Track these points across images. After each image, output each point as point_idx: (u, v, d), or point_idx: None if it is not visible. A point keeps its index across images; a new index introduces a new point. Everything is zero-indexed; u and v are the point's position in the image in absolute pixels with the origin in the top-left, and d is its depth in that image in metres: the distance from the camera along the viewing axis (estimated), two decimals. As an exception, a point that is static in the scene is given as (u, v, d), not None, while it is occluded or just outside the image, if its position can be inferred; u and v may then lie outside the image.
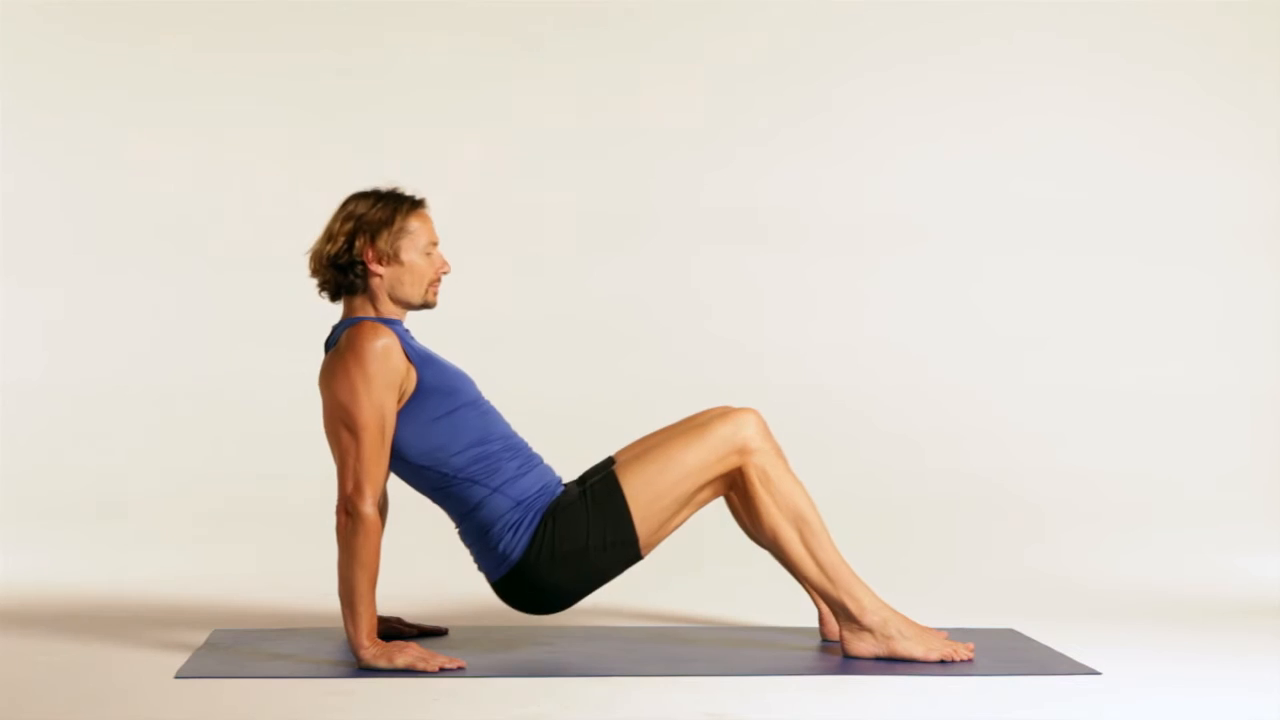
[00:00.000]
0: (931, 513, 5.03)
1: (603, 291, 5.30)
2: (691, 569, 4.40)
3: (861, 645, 3.33)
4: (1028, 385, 5.29)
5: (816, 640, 3.56)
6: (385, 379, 3.22)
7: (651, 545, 3.36)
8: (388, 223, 3.32)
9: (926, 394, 5.28)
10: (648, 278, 5.32)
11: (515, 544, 3.31)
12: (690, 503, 3.37)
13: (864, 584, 3.34)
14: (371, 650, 3.20)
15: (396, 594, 3.76)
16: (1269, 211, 5.34)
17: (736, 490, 3.37)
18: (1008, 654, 3.42)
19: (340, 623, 3.58)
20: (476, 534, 3.35)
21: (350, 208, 3.35)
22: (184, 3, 5.26)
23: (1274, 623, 3.87)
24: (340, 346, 3.25)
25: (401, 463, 3.32)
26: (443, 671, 3.19)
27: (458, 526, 3.40)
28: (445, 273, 3.39)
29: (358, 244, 3.30)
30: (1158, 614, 3.99)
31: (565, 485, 3.43)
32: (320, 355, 3.37)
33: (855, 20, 5.37)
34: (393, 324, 3.32)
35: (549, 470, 3.42)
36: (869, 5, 5.37)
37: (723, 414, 3.38)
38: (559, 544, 3.31)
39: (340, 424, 3.22)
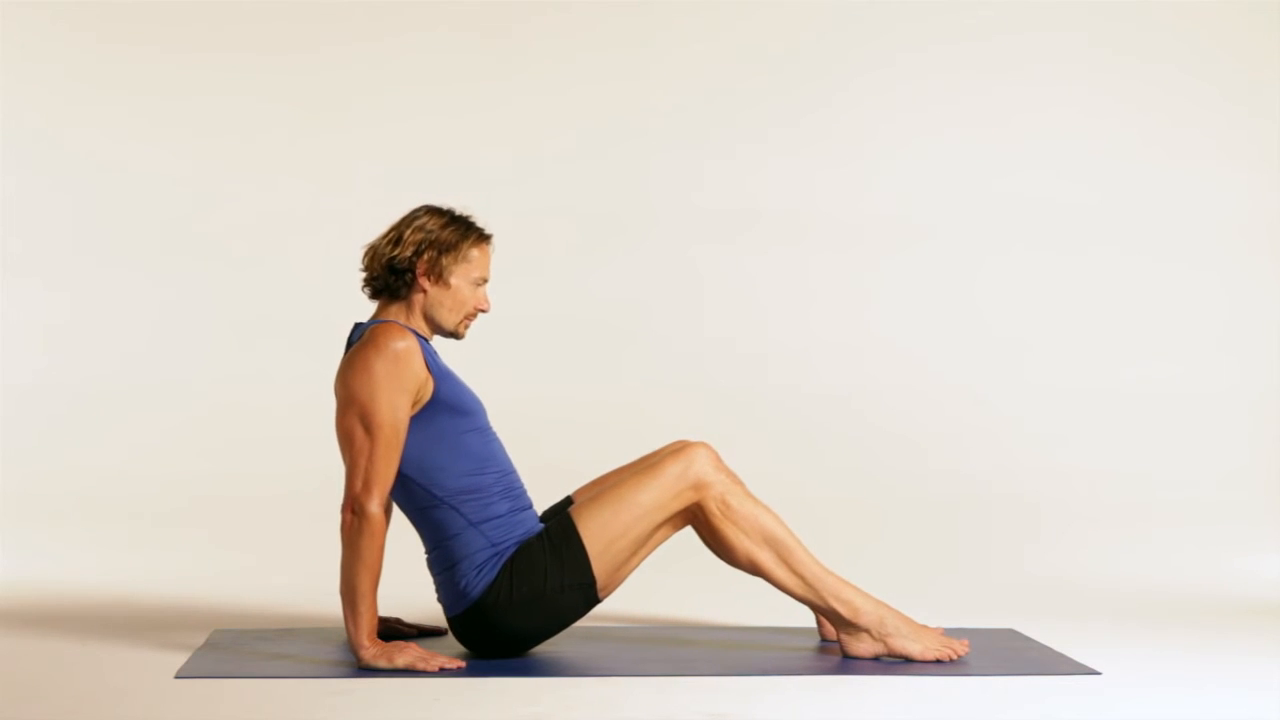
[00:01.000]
0: (932, 512, 5.03)
1: (601, 290, 5.30)
2: (691, 569, 4.40)
3: (860, 645, 3.33)
4: (1028, 385, 5.29)
5: (816, 640, 3.56)
6: (404, 381, 3.22)
7: (610, 587, 3.36)
8: (454, 246, 3.33)
9: (927, 393, 5.28)
10: (646, 277, 5.32)
11: (477, 583, 3.29)
12: (647, 542, 3.37)
13: (852, 586, 3.34)
14: (372, 650, 3.20)
15: (397, 594, 3.76)
16: (1271, 211, 5.34)
17: (699, 525, 3.37)
18: (1008, 654, 3.42)
19: (340, 623, 3.58)
20: (443, 564, 3.33)
21: (423, 220, 3.35)
22: (184, 3, 5.26)
23: (1274, 623, 3.87)
24: (364, 342, 3.25)
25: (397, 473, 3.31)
26: (443, 671, 3.19)
27: (428, 553, 3.38)
28: (484, 310, 3.40)
29: (425, 256, 3.31)
30: (1158, 614, 3.99)
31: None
32: (327, 354, 3.37)
33: (854, 19, 5.36)
34: (418, 336, 3.32)
35: (533, 517, 3.40)
36: (867, 3, 5.37)
37: (675, 451, 3.38)
38: (516, 587, 3.29)
39: (356, 421, 3.21)
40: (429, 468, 3.29)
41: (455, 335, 3.39)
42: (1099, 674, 3.23)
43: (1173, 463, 5.19)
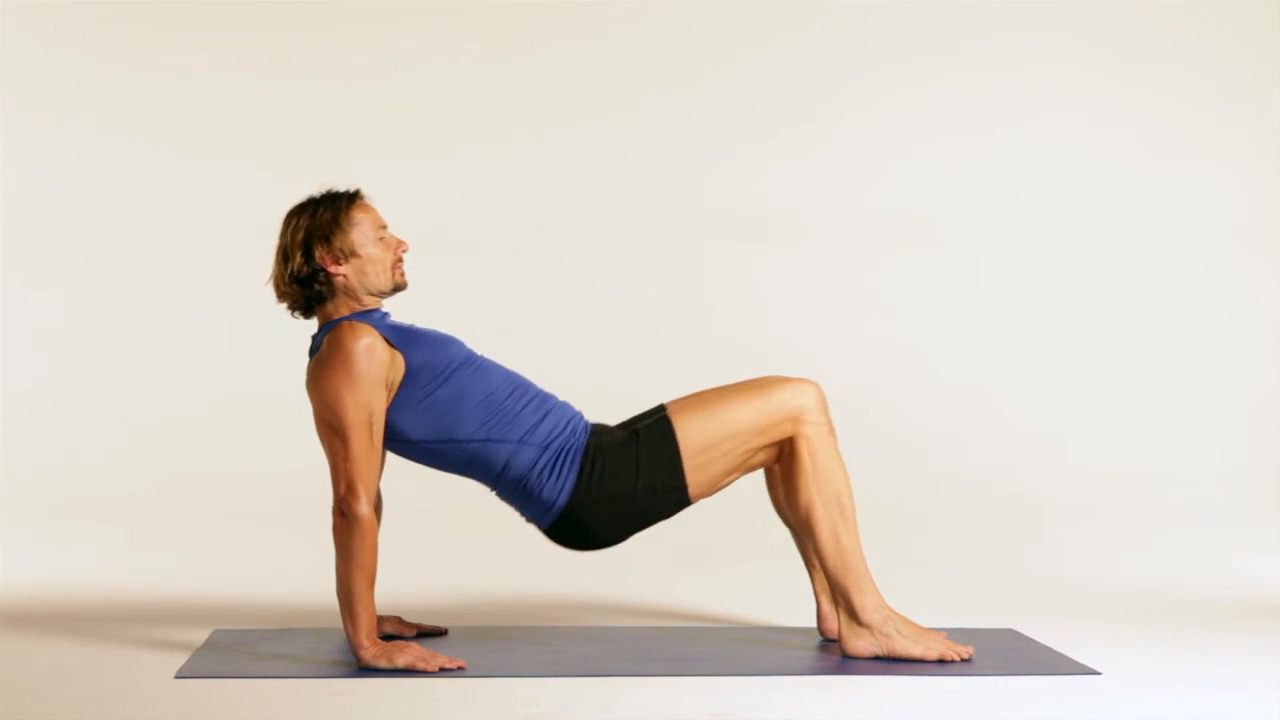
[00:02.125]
0: (932, 512, 5.03)
1: (607, 291, 5.30)
2: (692, 568, 4.40)
3: (860, 644, 3.33)
4: (1029, 385, 5.29)
5: (816, 640, 3.56)
6: (371, 377, 3.23)
7: (700, 495, 3.35)
8: (335, 222, 3.32)
9: (929, 393, 5.28)
10: (652, 277, 5.32)
11: (559, 488, 3.30)
12: (741, 463, 3.34)
13: (874, 582, 3.34)
14: (371, 650, 3.20)
15: (396, 594, 3.76)
16: (1270, 212, 5.34)
17: (782, 459, 3.36)
18: (1008, 654, 3.42)
19: (340, 623, 3.59)
20: (514, 489, 3.33)
21: (295, 222, 3.35)
22: (183, 6, 5.26)
23: (1274, 623, 3.87)
24: (322, 352, 3.26)
25: (413, 446, 3.32)
26: (443, 671, 3.19)
27: (493, 489, 3.38)
28: (405, 251, 3.38)
29: (317, 253, 3.31)
30: (1158, 614, 3.98)
31: (599, 425, 3.41)
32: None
33: (858, 20, 5.37)
34: (369, 315, 3.32)
35: (567, 407, 3.40)
36: (872, 5, 5.37)
37: (785, 380, 3.37)
38: (606, 483, 3.29)
39: (328, 427, 3.22)
40: (441, 422, 3.29)
41: (399, 288, 3.38)
42: (1099, 674, 3.23)
43: (1173, 463, 5.19)
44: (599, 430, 3.39)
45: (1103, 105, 5.36)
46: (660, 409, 3.43)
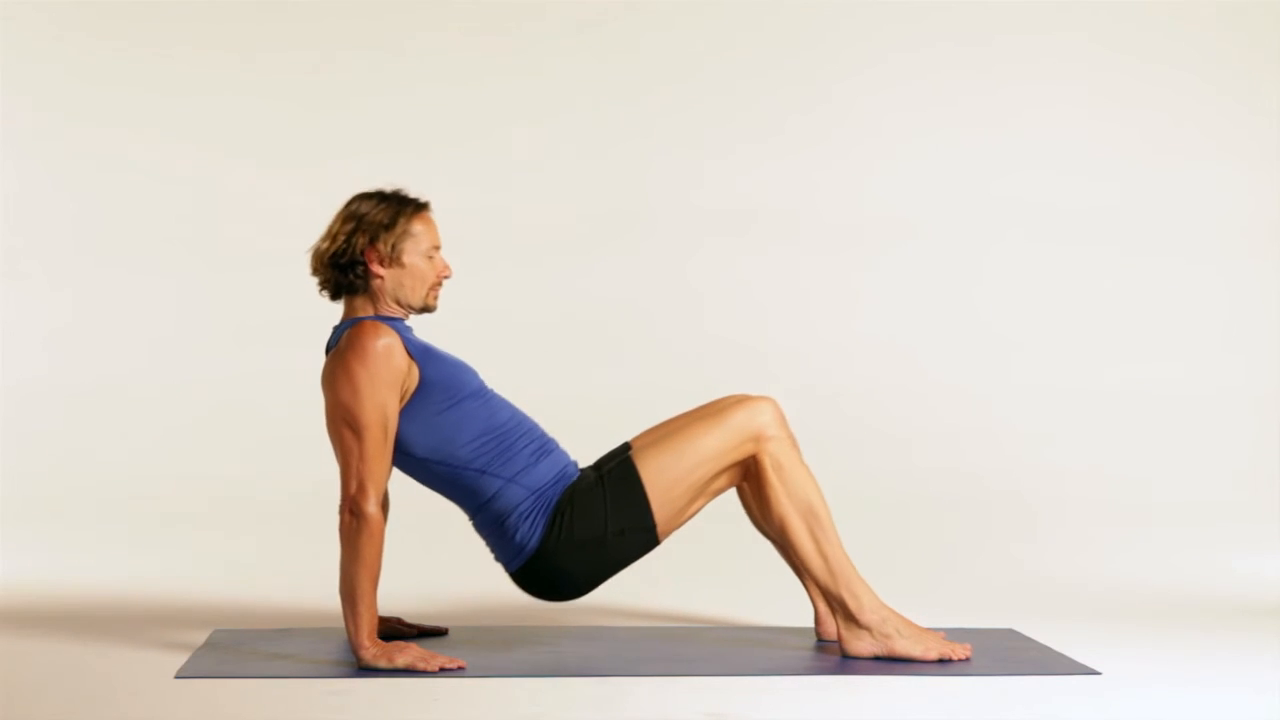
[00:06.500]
0: (931, 512, 5.03)
1: (599, 290, 5.30)
2: (691, 569, 4.40)
3: (859, 644, 3.33)
4: (1026, 384, 5.29)
5: (815, 640, 3.56)
6: (387, 378, 3.22)
7: (668, 532, 3.36)
8: (390, 225, 3.31)
9: (925, 393, 5.28)
10: (644, 276, 5.32)
11: (532, 533, 3.30)
12: (706, 490, 3.36)
13: (865, 583, 3.34)
14: (372, 650, 3.20)
15: (397, 594, 3.76)
16: (1272, 210, 5.34)
17: (749, 478, 3.37)
18: (1008, 654, 3.42)
19: (340, 623, 3.58)
20: (492, 525, 3.34)
21: (353, 207, 3.34)
22: (185, 2, 5.26)
23: (1274, 623, 3.87)
24: (341, 347, 3.25)
25: (409, 458, 3.32)
26: (443, 671, 3.19)
27: (471, 518, 3.38)
28: (447, 277, 3.39)
29: (358, 243, 3.30)
30: (1158, 614, 3.98)
31: (582, 470, 3.42)
32: (321, 356, 3.37)
33: (850, 17, 5.37)
34: (393, 321, 3.32)
35: (564, 455, 3.41)
36: (865, 2, 5.37)
37: (739, 401, 3.38)
38: (576, 531, 3.30)
39: (343, 424, 3.21)
40: (440, 444, 3.29)
41: (427, 309, 3.38)
42: (1099, 674, 3.23)
43: (1174, 463, 5.19)
44: (580, 476, 3.39)
45: (1100, 103, 5.36)
46: (625, 448, 3.45)
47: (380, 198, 3.35)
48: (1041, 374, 5.30)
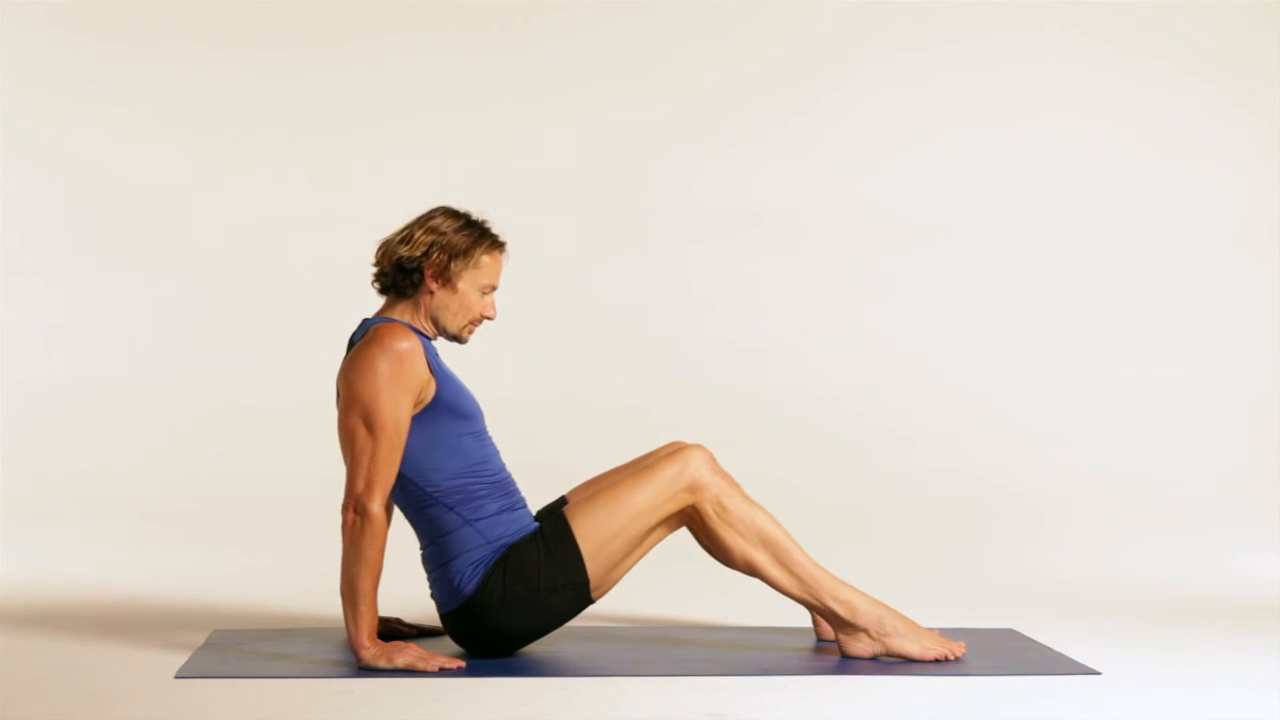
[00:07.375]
0: (931, 512, 5.03)
1: (600, 290, 5.31)
2: (690, 569, 4.40)
3: (858, 645, 3.33)
4: (1027, 385, 5.29)
5: (814, 640, 3.56)
6: (407, 382, 3.22)
7: (603, 588, 3.35)
8: (466, 251, 3.31)
9: (926, 393, 5.28)
10: (645, 276, 5.32)
11: (470, 580, 3.29)
12: (642, 544, 3.35)
13: (849, 586, 3.34)
14: (372, 650, 3.20)
15: (397, 594, 3.76)
16: (1271, 211, 5.34)
17: (694, 527, 3.36)
18: (1008, 654, 3.42)
19: (340, 623, 3.58)
20: (438, 561, 3.33)
21: (438, 221, 3.33)
22: (183, 3, 5.26)
23: (1274, 623, 3.87)
24: (367, 340, 3.24)
25: None
26: (443, 671, 3.19)
27: (423, 548, 3.37)
28: (489, 318, 3.38)
29: (435, 258, 3.30)
30: (1158, 614, 3.98)
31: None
32: (326, 353, 3.36)
33: (852, 18, 5.37)
34: (421, 335, 3.32)
35: (527, 515, 3.39)
36: (867, 2, 5.37)
37: (670, 453, 3.37)
38: (509, 585, 3.28)
39: (359, 420, 3.20)
40: (424, 467, 3.29)
41: (458, 339, 3.39)
42: (1099, 674, 3.23)
43: (1173, 462, 5.19)
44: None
45: (1101, 103, 5.37)
46: (561, 501, 3.45)
47: (466, 221, 3.35)
48: (1042, 374, 5.30)
